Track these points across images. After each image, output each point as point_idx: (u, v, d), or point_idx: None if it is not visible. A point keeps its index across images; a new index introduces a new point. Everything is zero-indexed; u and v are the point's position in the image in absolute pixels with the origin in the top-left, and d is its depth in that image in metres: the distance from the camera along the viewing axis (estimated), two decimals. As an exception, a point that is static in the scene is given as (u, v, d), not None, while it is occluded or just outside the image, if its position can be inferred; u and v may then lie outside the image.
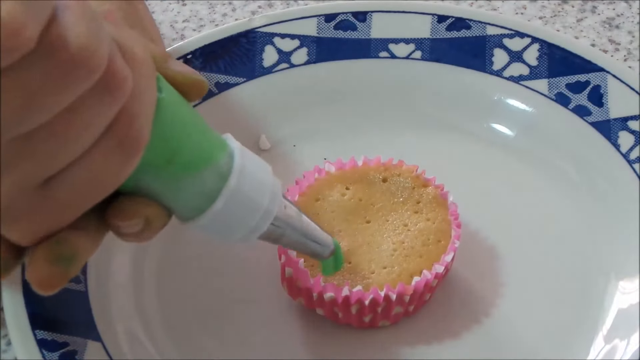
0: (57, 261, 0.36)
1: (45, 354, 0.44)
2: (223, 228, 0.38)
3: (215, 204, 0.37)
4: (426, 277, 0.46)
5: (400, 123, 0.56)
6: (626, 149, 0.52)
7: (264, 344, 0.47)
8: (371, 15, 0.57)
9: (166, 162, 0.36)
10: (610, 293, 0.49)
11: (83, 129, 0.33)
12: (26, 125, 0.32)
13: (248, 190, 0.38)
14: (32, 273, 0.36)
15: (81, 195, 0.35)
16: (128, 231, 0.38)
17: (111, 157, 0.34)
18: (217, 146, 0.38)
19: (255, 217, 0.38)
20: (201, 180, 0.37)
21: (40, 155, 0.33)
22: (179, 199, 0.37)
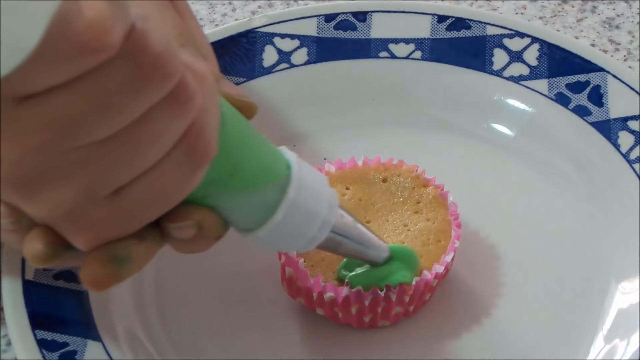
0: (111, 261, 0.36)
1: (45, 354, 0.44)
2: (282, 239, 0.39)
3: (275, 216, 0.38)
4: (426, 277, 0.46)
5: (400, 123, 0.56)
6: (626, 149, 0.52)
7: (264, 344, 0.47)
8: (371, 15, 0.57)
9: (229, 176, 0.36)
10: (610, 293, 0.49)
11: (155, 139, 0.33)
12: (102, 131, 0.32)
13: (306, 202, 0.38)
14: (85, 271, 0.36)
15: (148, 206, 0.35)
16: (181, 236, 0.37)
17: (180, 168, 0.35)
18: (275, 160, 0.38)
19: (314, 228, 0.39)
20: (261, 194, 0.37)
21: (111, 164, 0.33)
22: (239, 212, 0.38)
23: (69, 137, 0.32)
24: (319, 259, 0.47)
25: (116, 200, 0.34)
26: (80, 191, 0.33)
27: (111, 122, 0.32)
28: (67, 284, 0.47)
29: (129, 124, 0.32)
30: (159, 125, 0.33)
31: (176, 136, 0.34)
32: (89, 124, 0.32)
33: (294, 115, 0.56)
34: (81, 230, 0.35)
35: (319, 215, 0.39)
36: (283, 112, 0.56)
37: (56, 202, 0.33)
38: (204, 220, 0.37)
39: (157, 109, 0.33)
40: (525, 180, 0.53)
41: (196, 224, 0.37)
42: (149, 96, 0.32)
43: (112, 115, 0.32)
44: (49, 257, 0.36)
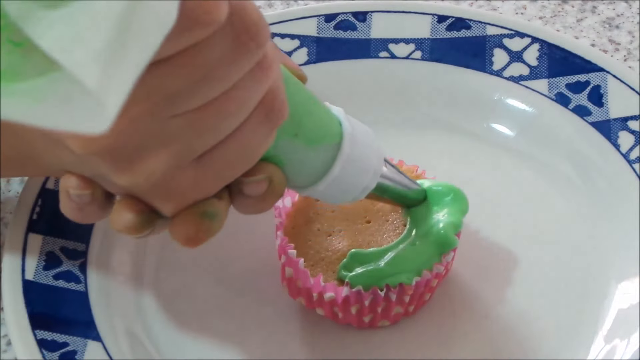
0: (204, 217, 0.37)
1: (45, 354, 0.44)
2: (339, 190, 0.42)
3: (332, 170, 0.40)
4: (426, 277, 0.46)
5: (400, 123, 0.56)
6: (626, 149, 0.52)
7: (264, 343, 0.47)
8: (371, 15, 0.57)
9: (293, 135, 0.39)
10: (610, 293, 0.49)
11: (243, 104, 0.35)
12: (199, 100, 0.33)
13: (359, 155, 0.41)
14: (179, 229, 0.37)
15: (232, 166, 0.37)
16: (253, 191, 0.39)
17: (259, 129, 0.36)
18: (330, 120, 0.41)
19: (367, 177, 0.42)
20: (320, 151, 0.40)
21: (203, 131, 0.34)
22: (300, 169, 0.40)
23: (168, 107, 0.33)
24: (319, 259, 0.47)
25: (202, 164, 0.36)
26: (172, 158, 0.34)
27: (208, 91, 0.33)
28: (67, 284, 0.47)
29: (222, 92, 0.34)
30: (246, 92, 0.35)
31: (258, 99, 0.36)
32: (188, 94, 0.33)
33: (294, 115, 0.56)
34: (169, 196, 0.36)
35: (370, 166, 0.42)
36: (283, 112, 0.56)
37: (151, 171, 0.34)
38: (274, 174, 0.39)
39: (246, 76, 0.34)
40: (525, 180, 0.53)
41: (268, 178, 0.39)
42: (244, 65, 0.34)
43: (210, 85, 0.33)
44: (142, 225, 0.37)
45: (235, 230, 0.51)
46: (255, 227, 0.51)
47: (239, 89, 0.34)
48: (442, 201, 0.47)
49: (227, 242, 0.51)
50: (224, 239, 0.51)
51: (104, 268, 0.49)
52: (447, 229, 0.46)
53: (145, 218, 0.37)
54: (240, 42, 0.33)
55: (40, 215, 0.48)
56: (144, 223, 0.37)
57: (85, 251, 0.48)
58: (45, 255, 0.47)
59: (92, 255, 0.48)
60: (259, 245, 0.50)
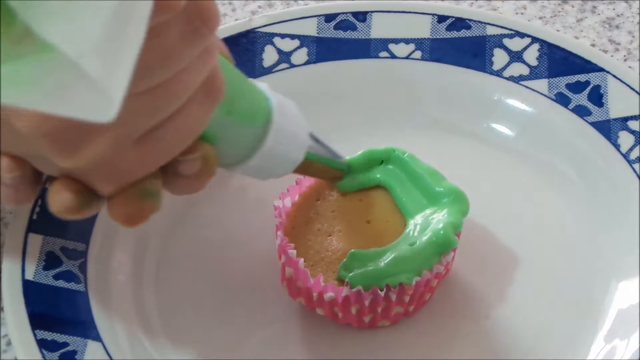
0: (144, 196, 0.37)
1: (45, 354, 0.44)
2: (270, 163, 0.42)
3: (266, 141, 0.41)
4: (426, 277, 0.46)
5: (400, 123, 0.56)
6: (626, 149, 0.52)
7: (264, 343, 0.47)
8: (371, 15, 0.57)
9: (227, 113, 0.40)
10: (610, 293, 0.49)
11: (190, 86, 0.35)
12: (151, 82, 0.34)
13: (288, 126, 0.43)
14: (119, 208, 0.37)
15: (173, 144, 0.37)
16: (188, 170, 0.39)
17: (201, 106, 0.37)
18: (260, 96, 0.42)
19: (296, 148, 0.43)
20: (252, 127, 0.41)
21: (150, 112, 0.35)
22: (234, 146, 0.41)
23: None
24: (319, 259, 0.47)
25: (144, 144, 0.36)
26: (117, 140, 0.35)
27: (161, 73, 0.34)
28: (67, 284, 0.47)
29: (172, 74, 0.34)
30: (193, 74, 0.35)
31: (202, 79, 0.36)
32: (141, 77, 0.33)
33: (294, 115, 0.56)
34: (110, 177, 0.36)
35: (298, 137, 0.43)
36: (283, 112, 0.56)
37: (95, 154, 0.34)
38: (208, 152, 0.39)
39: (195, 59, 0.35)
40: (525, 180, 0.53)
41: (202, 156, 0.39)
42: (195, 49, 0.35)
43: (163, 67, 0.34)
44: (81, 206, 0.37)
45: (235, 231, 0.51)
46: (255, 227, 0.51)
47: (188, 72, 0.35)
48: (442, 202, 0.47)
49: (227, 242, 0.51)
50: (224, 239, 0.51)
51: (104, 268, 0.49)
52: (447, 229, 0.46)
53: (84, 198, 0.37)
54: (194, 27, 0.34)
55: (40, 215, 0.48)
56: (83, 203, 0.37)
57: (85, 251, 0.48)
58: (45, 255, 0.47)
59: (92, 255, 0.48)
60: (259, 245, 0.50)
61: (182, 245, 0.51)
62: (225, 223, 0.52)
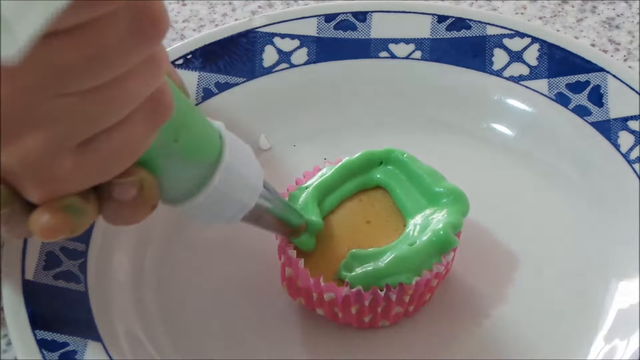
0: (67, 209, 0.36)
1: (45, 354, 0.44)
2: (217, 206, 0.40)
3: (212, 180, 0.39)
4: (426, 277, 0.46)
5: (400, 123, 0.56)
6: (626, 149, 0.52)
7: (264, 344, 0.47)
8: (371, 15, 0.57)
9: (173, 141, 0.38)
10: (610, 293, 0.49)
11: (133, 95, 0.34)
12: (88, 82, 0.33)
13: (239, 167, 0.40)
14: (38, 218, 0.36)
15: (112, 158, 0.36)
16: (122, 196, 0.37)
17: (144, 124, 0.36)
18: (212, 133, 0.40)
19: (246, 192, 0.41)
20: (199, 164, 0.39)
21: (89, 116, 0.34)
22: (178, 180, 0.39)
23: (57, 83, 0.32)
24: (319, 259, 0.47)
25: (82, 153, 0.35)
26: (52, 141, 0.34)
27: (101, 73, 0.33)
28: (67, 284, 0.47)
29: (113, 78, 0.33)
30: (138, 83, 0.34)
31: (147, 94, 0.35)
32: (79, 72, 0.32)
33: (294, 115, 0.56)
34: (41, 182, 0.35)
35: (250, 181, 0.41)
36: (283, 112, 0.56)
37: (27, 151, 0.33)
38: (145, 179, 0.38)
39: (140, 67, 0.34)
40: (525, 180, 0.54)
41: (138, 182, 0.37)
42: (140, 52, 0.33)
43: (103, 66, 0.32)
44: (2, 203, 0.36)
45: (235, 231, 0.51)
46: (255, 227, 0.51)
47: (130, 79, 0.34)
48: (442, 202, 0.47)
49: (227, 242, 0.51)
50: (224, 239, 0.51)
51: (104, 268, 0.49)
52: (447, 229, 0.46)
53: (4, 196, 0.36)
54: (140, 27, 0.33)
55: (40, 215, 0.48)
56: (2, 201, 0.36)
57: (85, 251, 0.48)
58: (45, 255, 0.47)
59: (92, 255, 0.48)
60: (259, 245, 0.50)
61: (182, 246, 0.51)
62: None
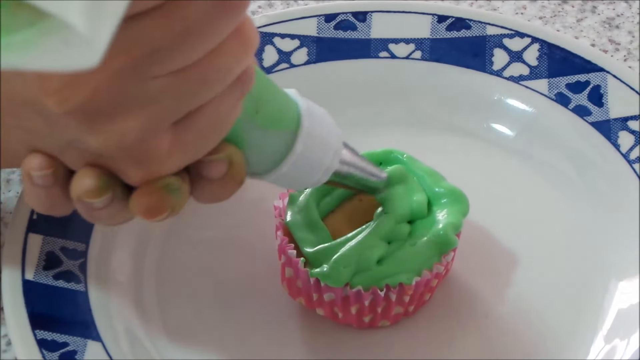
0: (166, 189, 0.37)
1: (45, 354, 0.44)
2: (302, 172, 0.41)
3: (295, 147, 0.40)
4: (426, 277, 0.46)
5: (400, 123, 0.56)
6: (626, 149, 0.52)
7: (264, 344, 0.47)
8: (371, 15, 0.57)
9: (254, 112, 0.39)
10: (610, 293, 0.49)
11: (226, 72, 0.35)
12: (180, 61, 0.33)
13: (319, 131, 0.41)
14: (139, 199, 0.37)
15: (207, 135, 0.37)
16: (212, 173, 0.38)
17: (232, 95, 0.36)
18: (289, 101, 0.41)
19: (328, 155, 0.42)
20: (281, 134, 0.40)
21: (182, 95, 0.34)
22: (262, 152, 0.40)
23: (150, 64, 0.33)
24: (319, 259, 0.46)
25: (178, 131, 0.35)
26: (149, 122, 0.34)
27: (190, 49, 0.33)
28: (67, 284, 0.47)
29: (204, 55, 0.34)
30: (229, 58, 0.35)
31: (240, 70, 0.36)
32: (169, 50, 0.33)
33: (294, 115, 0.56)
34: (140, 162, 0.36)
35: (331, 144, 0.41)
36: (283, 112, 0.56)
37: (126, 132, 0.34)
38: (234, 155, 0.38)
39: (230, 43, 0.34)
40: (525, 180, 0.53)
41: (228, 158, 0.38)
42: (226, 24, 0.34)
43: (192, 42, 0.33)
44: (102, 189, 0.37)
45: (235, 230, 0.51)
46: (255, 227, 0.51)
47: (222, 54, 0.34)
48: (441, 202, 0.47)
49: (227, 242, 0.51)
50: (224, 239, 0.51)
51: (104, 268, 0.49)
52: (447, 229, 0.46)
53: (105, 181, 0.37)
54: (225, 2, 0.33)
55: (40, 215, 0.48)
56: (104, 187, 0.37)
57: (85, 251, 0.48)
58: (45, 255, 0.47)
59: (92, 255, 0.48)
60: (259, 245, 0.50)
61: (182, 245, 0.51)
62: (225, 223, 0.52)
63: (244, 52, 0.35)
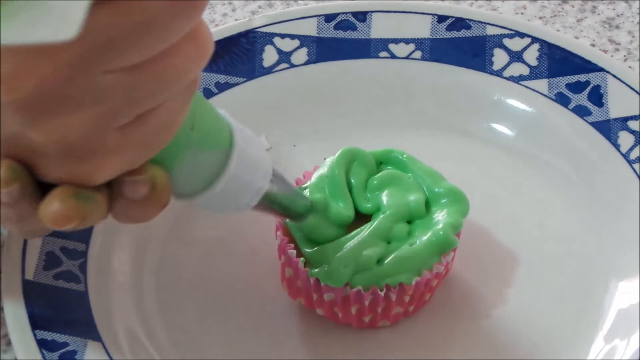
0: (78, 197, 0.35)
1: (45, 354, 0.44)
2: (234, 192, 0.40)
3: (228, 166, 0.39)
4: (426, 277, 0.46)
5: (400, 123, 0.56)
6: (626, 149, 0.52)
7: (264, 344, 0.47)
8: (371, 15, 0.57)
9: (190, 127, 0.37)
10: (610, 293, 0.49)
11: (180, 73, 0.34)
12: (134, 56, 0.32)
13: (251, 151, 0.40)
14: (48, 206, 0.35)
15: (149, 142, 0.35)
16: (134, 193, 0.37)
17: (182, 106, 0.35)
18: (222, 121, 0.40)
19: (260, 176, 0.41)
20: (213, 154, 0.39)
21: (136, 94, 0.33)
22: (192, 172, 0.39)
23: (104, 56, 0.31)
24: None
25: (123, 133, 0.34)
26: (97, 120, 0.33)
27: (148, 45, 0.32)
28: (67, 284, 0.47)
29: (159, 53, 0.33)
30: (184, 59, 0.34)
31: (194, 74, 0.35)
32: (126, 43, 0.31)
33: (294, 115, 0.56)
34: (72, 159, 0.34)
35: (262, 164, 0.41)
36: (283, 112, 0.56)
37: (68, 131, 0.33)
38: (157, 176, 0.37)
39: (186, 44, 0.33)
40: (525, 180, 0.54)
41: (150, 179, 0.36)
42: (185, 22, 0.33)
43: (149, 37, 0.32)
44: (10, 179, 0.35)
45: (235, 231, 0.51)
46: (255, 227, 0.51)
47: (177, 54, 0.33)
48: (441, 202, 0.47)
49: (227, 242, 0.51)
50: (224, 238, 0.51)
51: (104, 268, 0.49)
52: (447, 229, 0.46)
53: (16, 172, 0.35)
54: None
55: (40, 215, 0.48)
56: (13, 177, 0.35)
57: (85, 251, 0.48)
58: (45, 255, 0.47)
59: (92, 255, 0.48)
60: (259, 245, 0.50)
61: (182, 246, 0.51)
62: (225, 223, 0.52)
63: (199, 55, 0.34)
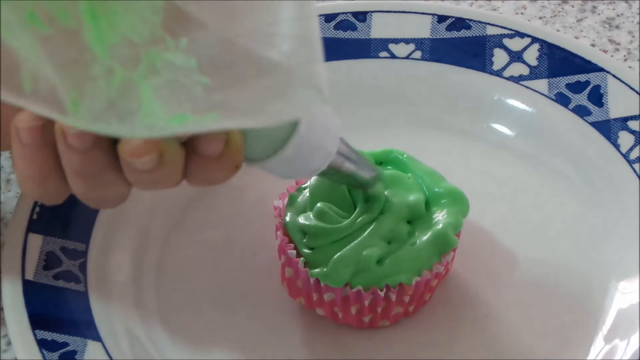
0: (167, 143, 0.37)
1: (45, 354, 0.44)
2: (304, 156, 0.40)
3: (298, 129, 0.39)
4: (426, 277, 0.46)
5: (400, 123, 0.56)
6: (626, 149, 0.52)
7: (264, 344, 0.47)
8: (371, 15, 0.57)
9: None
10: (610, 293, 0.49)
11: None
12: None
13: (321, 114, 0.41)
14: (128, 142, 0.36)
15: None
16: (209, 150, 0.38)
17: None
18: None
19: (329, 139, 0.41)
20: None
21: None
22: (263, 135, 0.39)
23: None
24: (321, 259, 0.46)
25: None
26: None
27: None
28: (67, 284, 0.47)
29: None
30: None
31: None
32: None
33: (294, 115, 0.56)
34: None
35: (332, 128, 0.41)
36: (283, 112, 0.56)
37: None
38: (232, 133, 0.37)
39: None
40: (525, 180, 0.54)
41: (225, 135, 0.37)
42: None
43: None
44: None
45: (235, 231, 0.51)
46: (255, 227, 0.51)
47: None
48: (441, 202, 0.47)
49: (227, 242, 0.51)
50: (224, 239, 0.51)
51: (104, 268, 0.49)
52: (447, 229, 0.46)
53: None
54: None
55: (40, 215, 0.48)
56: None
57: (85, 251, 0.48)
58: (45, 255, 0.47)
59: (92, 255, 0.48)
60: (259, 245, 0.50)
61: (182, 245, 0.51)
62: (225, 223, 0.52)
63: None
